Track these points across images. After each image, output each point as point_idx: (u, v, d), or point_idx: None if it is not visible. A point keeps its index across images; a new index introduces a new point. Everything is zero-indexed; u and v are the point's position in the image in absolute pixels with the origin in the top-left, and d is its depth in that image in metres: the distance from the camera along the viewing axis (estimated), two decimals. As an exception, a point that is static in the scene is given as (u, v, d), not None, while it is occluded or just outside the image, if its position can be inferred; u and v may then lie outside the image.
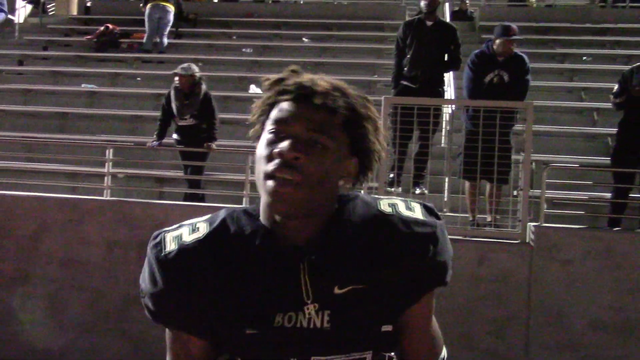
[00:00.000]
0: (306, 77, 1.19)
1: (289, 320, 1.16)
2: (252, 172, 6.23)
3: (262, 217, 1.20)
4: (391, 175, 6.24)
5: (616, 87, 5.82)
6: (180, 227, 1.25)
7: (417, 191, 6.22)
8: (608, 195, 6.07)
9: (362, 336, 1.18)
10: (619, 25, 10.69)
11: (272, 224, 1.19)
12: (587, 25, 10.93)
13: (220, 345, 1.20)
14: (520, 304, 5.19)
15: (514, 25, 6.03)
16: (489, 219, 5.81)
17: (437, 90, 6.49)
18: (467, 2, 11.89)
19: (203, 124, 6.43)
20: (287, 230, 1.17)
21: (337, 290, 1.16)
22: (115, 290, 5.66)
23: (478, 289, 5.19)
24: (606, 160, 6.25)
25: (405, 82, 6.49)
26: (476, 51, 6.10)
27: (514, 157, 5.78)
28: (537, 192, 5.63)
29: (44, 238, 5.77)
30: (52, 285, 5.74)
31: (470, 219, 5.78)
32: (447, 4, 11.21)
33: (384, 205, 1.24)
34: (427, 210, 1.26)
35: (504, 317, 5.19)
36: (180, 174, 6.89)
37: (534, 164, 5.99)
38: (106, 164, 6.07)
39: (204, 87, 6.50)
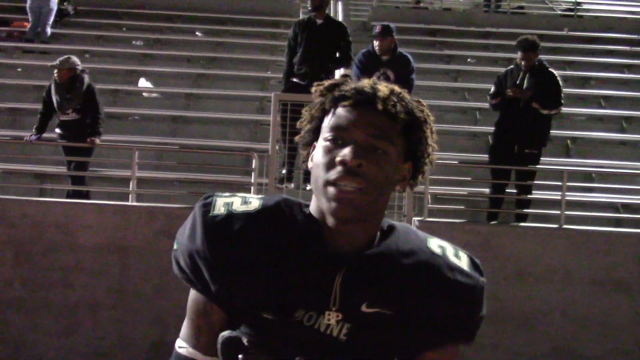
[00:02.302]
0: (365, 83, 1.18)
1: (308, 319, 1.15)
2: (139, 168, 6.09)
3: (315, 214, 1.19)
4: (283, 172, 6.29)
5: (492, 88, 6.16)
6: (232, 195, 1.23)
7: (309, 187, 6.30)
8: (487, 190, 6.41)
9: None
10: (501, 29, 11.29)
11: (322, 223, 1.18)
12: (472, 28, 11.46)
13: (234, 322, 1.18)
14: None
15: (390, 25, 6.24)
16: (376, 214, 5.96)
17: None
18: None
19: (87, 119, 6.17)
20: (336, 234, 1.17)
21: (364, 308, 1.15)
22: (-11, 293, 5.34)
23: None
24: (487, 157, 6.57)
25: (295, 79, 6.57)
26: (363, 50, 6.28)
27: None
28: (421, 187, 5.86)
29: None
30: None
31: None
32: (339, 3, 11.39)
33: (434, 244, 1.22)
34: (474, 264, 1.24)
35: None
36: (62, 169, 6.59)
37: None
38: (-21, 159, 5.71)
39: (86, 79, 6.23)
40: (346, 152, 1.12)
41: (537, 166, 6.15)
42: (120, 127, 7.64)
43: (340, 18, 10.85)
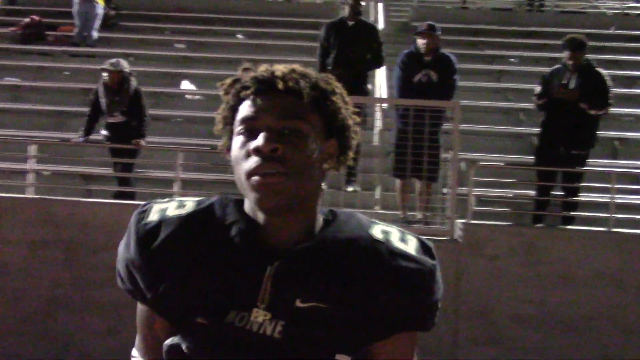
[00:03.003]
0: (262, 68, 1.16)
1: (240, 319, 1.11)
2: (183, 169, 6.16)
3: (249, 210, 1.17)
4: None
5: (538, 88, 6.04)
6: (170, 201, 1.22)
7: (350, 189, 6.28)
8: (532, 192, 6.29)
9: (312, 358, 1.12)
10: (544, 28, 11.08)
11: (256, 219, 1.15)
12: (514, 28, 11.29)
13: (176, 329, 1.18)
14: (448, 299, 5.26)
15: (434, 24, 6.17)
16: (419, 216, 5.92)
17: (360, 88, 6.63)
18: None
19: (133, 121, 6.28)
20: (270, 228, 1.14)
21: (298, 304, 1.11)
22: (38, 292, 5.47)
23: (407, 285, 5.27)
24: (531, 159, 6.46)
25: None
26: (405, 51, 6.20)
27: (442, 155, 5.90)
28: (464, 190, 5.78)
29: (-40, 238, 5.51)
30: (-30, 288, 5.49)
31: (401, 216, 5.87)
32: (380, 4, 11.33)
33: (377, 230, 1.17)
34: (424, 248, 1.18)
35: (432, 312, 5.29)
36: (108, 171, 6.71)
37: (462, 162, 6.15)
38: (29, 160, 5.85)
39: (133, 83, 6.35)
40: (259, 140, 1.09)
41: (585, 168, 6.01)
42: (163, 129, 7.74)
43: (380, 18, 10.82)
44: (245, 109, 1.13)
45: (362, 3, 6.84)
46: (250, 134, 1.11)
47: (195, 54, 10.34)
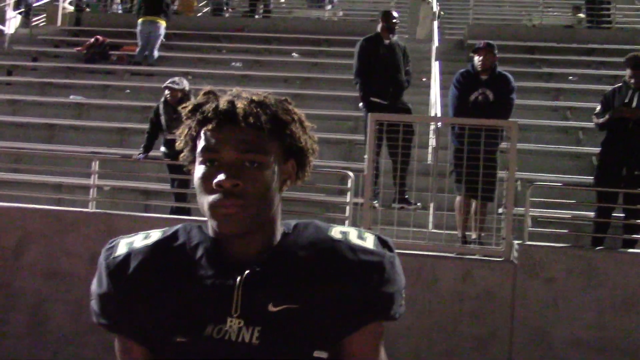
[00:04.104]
0: (223, 100, 1.20)
1: (218, 332, 1.16)
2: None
3: (211, 233, 1.23)
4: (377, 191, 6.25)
5: (598, 107, 5.90)
6: (136, 234, 1.29)
7: (411, 207, 6.24)
8: (591, 214, 6.12)
9: (292, 358, 1.16)
10: (605, 45, 10.84)
11: (220, 238, 1.22)
12: (573, 45, 11.07)
13: (155, 353, 1.22)
14: (504, 321, 5.21)
15: (493, 43, 6.12)
16: (473, 236, 5.83)
17: (402, 105, 6.68)
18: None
19: (190, 138, 6.43)
20: (234, 245, 1.20)
21: (271, 308, 1.16)
22: (98, 303, 5.62)
23: (462, 306, 5.20)
24: (591, 179, 6.30)
25: (374, 99, 6.60)
26: (462, 70, 6.16)
27: (499, 174, 5.82)
28: (521, 210, 5.68)
29: (27, 249, 5.73)
30: (34, 297, 5.69)
31: (459, 235, 5.80)
32: (435, 22, 11.30)
33: (335, 232, 1.25)
34: (381, 242, 1.25)
35: (487, 333, 5.20)
36: (166, 187, 6.88)
37: (518, 182, 6.04)
38: (92, 175, 6.06)
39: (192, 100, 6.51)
40: (220, 176, 1.13)
41: (648, 189, 5.82)
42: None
43: (435, 36, 10.79)
44: (207, 140, 1.17)
45: (395, 21, 6.91)
46: (212, 165, 1.16)
47: (251, 72, 10.53)
